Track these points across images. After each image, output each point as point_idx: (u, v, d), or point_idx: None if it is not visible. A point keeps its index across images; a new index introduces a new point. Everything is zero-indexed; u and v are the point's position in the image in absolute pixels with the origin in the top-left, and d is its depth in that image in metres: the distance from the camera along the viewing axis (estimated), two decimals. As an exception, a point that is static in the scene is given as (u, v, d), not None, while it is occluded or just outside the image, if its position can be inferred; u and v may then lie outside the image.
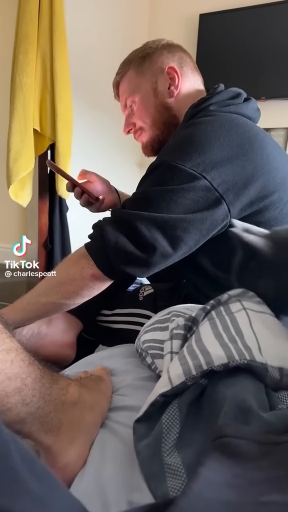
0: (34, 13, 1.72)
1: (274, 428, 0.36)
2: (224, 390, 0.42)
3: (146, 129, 0.96)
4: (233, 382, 0.43)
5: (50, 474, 0.26)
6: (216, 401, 0.41)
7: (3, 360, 0.36)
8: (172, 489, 0.34)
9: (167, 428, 0.41)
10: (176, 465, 0.36)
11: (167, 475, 0.35)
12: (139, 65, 0.93)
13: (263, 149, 0.75)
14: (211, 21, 2.46)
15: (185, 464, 0.35)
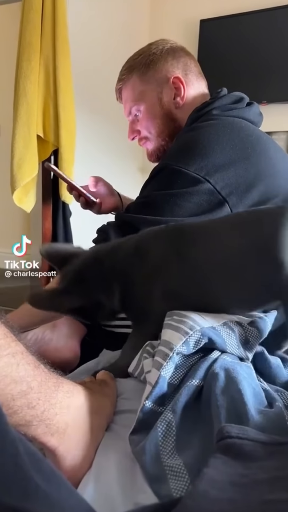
0: (37, 21, 1.75)
1: (268, 429, 0.36)
2: (220, 394, 0.42)
3: (151, 139, 0.97)
4: (228, 382, 0.43)
5: (58, 474, 0.26)
6: (213, 406, 0.41)
7: (8, 363, 0.37)
8: (175, 490, 0.34)
9: (163, 432, 0.41)
10: (177, 466, 0.36)
11: (169, 477, 0.35)
12: (143, 73, 0.92)
13: (265, 153, 0.76)
14: (212, 26, 2.48)
15: (186, 466, 0.36)
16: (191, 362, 0.49)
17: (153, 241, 0.58)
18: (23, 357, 0.39)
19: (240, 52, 2.43)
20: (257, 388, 0.45)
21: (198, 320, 0.49)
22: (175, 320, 0.50)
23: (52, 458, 0.42)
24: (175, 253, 0.56)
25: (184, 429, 0.41)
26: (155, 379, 0.45)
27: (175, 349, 0.46)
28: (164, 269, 0.56)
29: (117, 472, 0.40)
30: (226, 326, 0.51)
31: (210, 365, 0.47)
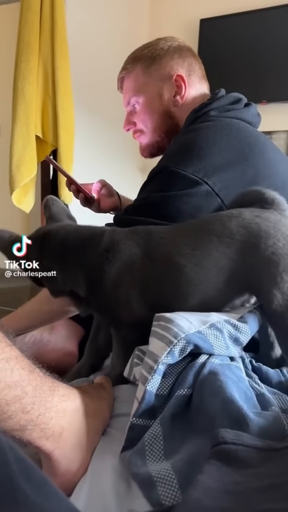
0: (35, 21, 1.75)
1: (269, 432, 0.35)
2: (211, 401, 0.41)
3: (147, 133, 0.97)
4: (218, 387, 0.42)
5: (48, 482, 0.26)
6: (205, 414, 0.41)
7: (2, 368, 0.37)
8: (163, 496, 0.33)
9: (149, 442, 0.40)
10: (165, 471, 0.35)
11: (156, 483, 0.34)
12: (148, 66, 0.92)
13: (263, 154, 0.75)
14: (212, 25, 2.48)
15: (175, 470, 0.35)
16: (179, 368, 0.48)
17: (123, 241, 0.58)
18: (18, 362, 0.39)
19: (240, 51, 2.43)
20: (248, 392, 0.45)
21: (184, 325, 0.48)
22: (161, 327, 0.49)
23: (48, 462, 0.41)
24: (142, 254, 0.56)
25: (172, 439, 0.40)
26: (141, 394, 0.45)
27: (160, 361, 0.45)
28: (133, 270, 0.56)
29: (113, 477, 0.40)
30: (214, 327, 0.50)
31: (198, 370, 0.46)
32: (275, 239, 0.52)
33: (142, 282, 0.56)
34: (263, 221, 0.54)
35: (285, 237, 0.52)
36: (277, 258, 0.51)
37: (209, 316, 0.52)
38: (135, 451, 0.40)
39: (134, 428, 0.44)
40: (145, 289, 0.57)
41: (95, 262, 0.57)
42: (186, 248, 0.55)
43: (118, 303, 0.58)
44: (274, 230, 0.53)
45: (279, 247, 0.52)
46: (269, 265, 0.52)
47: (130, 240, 0.58)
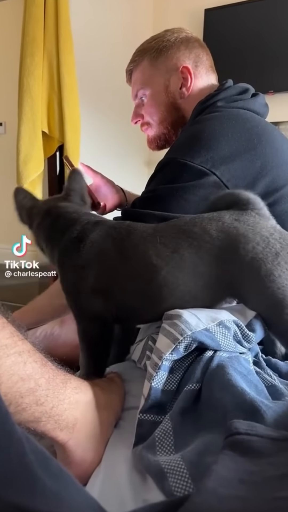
0: (39, 16, 1.74)
1: (284, 423, 0.35)
2: (222, 395, 0.41)
3: (153, 125, 0.96)
4: (228, 381, 0.42)
5: (65, 472, 0.26)
6: (216, 408, 0.41)
7: (15, 362, 0.37)
8: (174, 487, 0.33)
9: (159, 437, 0.41)
10: (175, 462, 0.35)
11: (167, 474, 0.35)
12: (154, 58, 0.92)
13: (271, 143, 0.74)
14: (217, 15, 2.44)
15: (185, 460, 0.35)
16: (187, 363, 0.48)
17: (99, 233, 0.58)
18: (30, 355, 0.39)
19: (246, 41, 2.39)
20: (259, 385, 0.45)
21: (192, 322, 0.48)
22: (169, 323, 0.49)
23: (62, 452, 0.42)
24: (117, 250, 0.56)
25: (182, 434, 0.40)
26: (147, 390, 0.45)
27: (164, 357, 0.46)
28: (104, 264, 0.56)
29: (127, 468, 0.41)
30: (222, 325, 0.50)
31: (206, 364, 0.46)
32: (254, 242, 0.50)
33: (112, 278, 0.56)
34: (241, 225, 0.52)
35: (264, 240, 0.50)
36: (257, 264, 0.50)
37: (219, 313, 0.52)
38: (145, 446, 0.40)
39: (142, 424, 0.44)
40: (115, 285, 0.56)
41: (69, 244, 0.59)
42: (164, 250, 0.53)
43: (81, 294, 0.57)
44: (253, 233, 0.51)
45: (258, 251, 0.50)
46: (250, 271, 0.50)
47: (106, 234, 0.58)
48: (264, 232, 0.51)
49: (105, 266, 0.56)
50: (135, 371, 0.61)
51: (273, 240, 0.50)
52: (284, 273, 0.48)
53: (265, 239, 0.50)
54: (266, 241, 0.50)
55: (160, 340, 0.48)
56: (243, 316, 0.53)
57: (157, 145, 1.00)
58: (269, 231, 0.51)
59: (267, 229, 0.52)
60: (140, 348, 0.60)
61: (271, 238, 0.50)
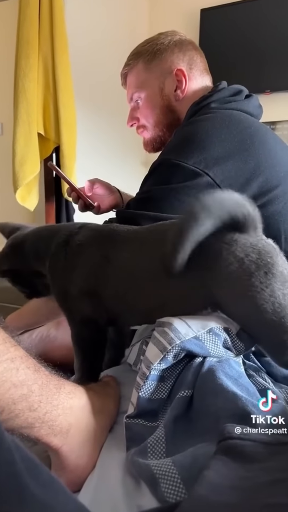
0: (34, 17, 1.74)
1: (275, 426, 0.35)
2: (214, 401, 0.41)
3: (149, 128, 0.97)
4: (219, 386, 0.42)
5: (55, 480, 0.26)
6: (208, 415, 0.41)
7: (8, 368, 0.37)
8: (166, 492, 0.33)
9: (151, 444, 0.41)
10: (166, 467, 0.35)
11: (159, 480, 0.35)
12: (149, 61, 0.92)
13: (265, 144, 0.74)
14: (213, 15, 2.44)
15: (176, 465, 0.35)
16: (178, 370, 0.48)
17: (84, 237, 0.59)
18: (23, 361, 0.39)
19: (242, 41, 2.39)
20: (250, 388, 0.44)
21: (181, 330, 0.48)
22: (159, 331, 0.49)
23: (57, 458, 0.42)
24: (101, 254, 0.57)
25: (174, 441, 0.40)
26: (135, 400, 0.46)
27: (152, 367, 0.46)
28: (88, 266, 0.57)
29: (121, 473, 0.40)
30: (212, 332, 0.49)
31: (197, 369, 0.46)
32: (228, 262, 0.49)
33: (96, 280, 0.56)
34: (217, 242, 0.50)
35: (239, 260, 0.48)
36: (231, 283, 0.49)
37: (210, 320, 0.52)
38: (137, 452, 0.40)
39: (130, 428, 0.45)
40: (100, 288, 0.56)
41: (57, 250, 0.60)
42: (145, 258, 0.54)
43: (70, 297, 0.58)
44: (227, 252, 0.49)
45: (231, 271, 0.48)
46: (225, 288, 0.50)
47: (92, 239, 0.59)
48: (239, 252, 0.49)
49: (89, 268, 0.57)
50: (131, 374, 0.61)
51: (247, 262, 0.48)
52: (259, 293, 0.47)
53: (239, 259, 0.48)
54: (241, 262, 0.48)
55: (149, 349, 0.49)
56: (233, 324, 0.53)
57: (153, 147, 1.00)
58: (246, 251, 0.49)
59: (243, 248, 0.49)
60: (135, 351, 0.60)
61: (246, 259, 0.48)
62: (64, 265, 0.58)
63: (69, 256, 0.58)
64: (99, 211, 0.98)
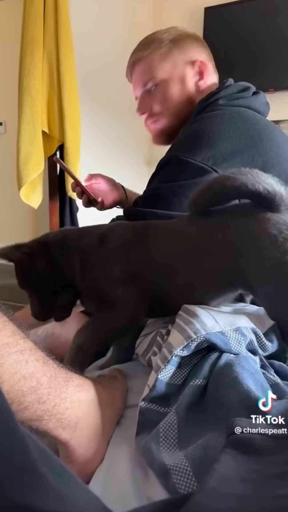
0: (39, 15, 1.74)
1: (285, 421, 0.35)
2: (228, 392, 0.41)
3: (165, 116, 0.94)
4: (234, 379, 0.42)
5: (67, 470, 0.27)
6: (221, 405, 0.41)
7: (17, 360, 0.37)
8: (178, 484, 0.34)
9: (164, 430, 0.41)
10: (179, 461, 0.36)
11: (171, 471, 0.35)
12: (169, 49, 0.90)
13: (272, 141, 0.75)
14: (217, 14, 2.43)
15: (189, 458, 0.35)
16: (196, 360, 0.48)
17: (119, 230, 0.62)
18: (32, 354, 0.40)
19: (246, 40, 2.38)
20: (265, 384, 0.45)
21: (207, 323, 0.49)
22: (184, 320, 0.50)
23: (65, 451, 0.42)
24: (139, 240, 0.59)
25: (186, 429, 0.41)
26: (153, 382, 0.46)
27: (174, 353, 0.46)
28: (125, 253, 0.59)
29: (130, 466, 0.41)
30: (239, 331, 0.49)
31: (214, 361, 0.46)
32: (260, 239, 0.50)
33: (137, 267, 0.58)
34: (249, 220, 0.52)
35: (272, 237, 0.50)
36: (263, 260, 0.50)
37: (238, 319, 0.52)
38: (150, 438, 0.40)
39: (144, 413, 0.45)
40: (139, 274, 0.58)
41: (90, 245, 0.61)
42: (180, 242, 0.57)
43: (113, 283, 0.59)
44: (258, 230, 0.51)
45: (264, 248, 0.50)
46: (257, 267, 0.51)
47: (128, 229, 0.61)
48: (272, 230, 0.50)
49: (130, 256, 0.58)
50: (138, 367, 0.61)
51: (281, 239, 0.49)
52: None
53: (272, 237, 0.50)
54: (274, 239, 0.49)
55: (173, 335, 0.49)
56: (261, 324, 0.53)
57: (165, 138, 0.97)
58: (279, 229, 0.50)
59: (277, 226, 0.50)
60: (146, 342, 0.60)
61: (279, 236, 0.49)
62: (103, 256, 0.59)
63: (109, 248, 0.60)
64: (103, 206, 0.98)
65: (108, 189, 1.02)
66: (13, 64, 1.84)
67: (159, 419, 0.43)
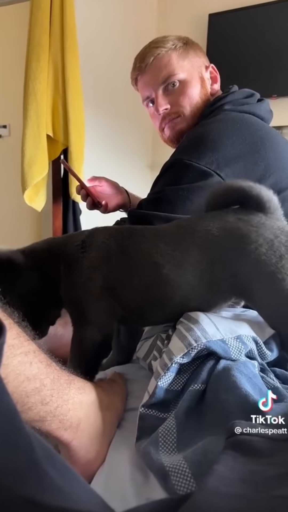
0: (45, 20, 1.76)
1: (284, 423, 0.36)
2: (226, 396, 0.41)
3: (186, 115, 0.92)
4: (233, 383, 0.42)
5: (70, 469, 0.27)
6: (219, 410, 0.41)
7: (22, 362, 0.38)
8: (177, 485, 0.34)
9: (163, 434, 0.41)
10: (177, 463, 0.36)
11: (170, 473, 0.35)
12: (186, 51, 0.91)
13: (275, 147, 0.76)
14: (221, 20, 2.45)
15: (187, 460, 0.36)
16: (195, 366, 0.49)
17: (101, 236, 0.58)
18: (36, 356, 0.40)
19: (250, 46, 2.40)
20: (263, 388, 0.45)
21: (208, 330, 0.49)
22: (185, 327, 0.50)
23: (66, 452, 0.43)
24: (120, 250, 0.56)
25: (185, 433, 0.41)
26: (153, 388, 0.46)
27: (174, 360, 0.46)
28: (108, 265, 0.55)
29: (130, 468, 0.41)
30: (239, 340, 0.49)
31: (212, 366, 0.47)
32: (257, 244, 0.50)
33: (117, 277, 0.55)
34: (244, 225, 0.51)
35: (268, 242, 0.49)
36: (260, 265, 0.49)
37: (239, 327, 0.52)
38: (149, 442, 0.41)
39: (144, 418, 0.45)
40: (121, 284, 0.55)
41: (72, 251, 0.57)
42: (166, 248, 0.53)
43: (90, 295, 0.56)
44: (256, 234, 0.50)
45: (261, 253, 0.49)
46: (253, 272, 0.50)
47: (109, 236, 0.58)
48: (268, 234, 0.50)
49: (110, 265, 0.55)
50: (139, 371, 0.62)
51: (277, 243, 0.49)
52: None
53: (268, 241, 0.50)
54: (270, 243, 0.49)
55: (173, 342, 0.49)
56: (261, 332, 0.53)
57: (179, 141, 0.94)
58: (275, 233, 0.50)
59: (272, 230, 0.51)
60: (147, 345, 0.60)
61: (275, 240, 0.50)
62: (84, 263, 0.56)
63: (89, 256, 0.56)
64: (106, 209, 0.99)
65: (112, 192, 1.02)
66: (19, 68, 1.86)
67: (158, 424, 0.43)
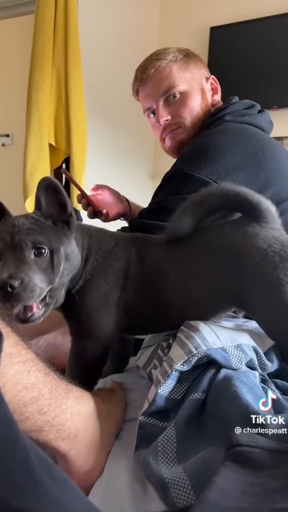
0: (49, 32, 1.79)
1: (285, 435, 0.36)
2: (227, 406, 0.41)
3: (186, 126, 0.93)
4: (233, 393, 0.42)
5: (67, 480, 0.27)
6: (220, 420, 0.41)
7: (19, 370, 0.37)
8: (177, 497, 0.34)
9: (162, 444, 0.41)
10: (177, 475, 0.36)
11: (169, 485, 0.35)
12: (186, 62, 0.92)
13: (275, 158, 0.76)
14: (222, 33, 2.49)
15: (187, 472, 0.35)
16: (195, 374, 0.48)
17: (118, 246, 0.58)
18: (34, 365, 0.40)
19: (250, 58, 2.43)
20: (263, 399, 0.45)
21: (209, 338, 0.49)
22: (186, 335, 0.50)
23: (64, 462, 0.42)
24: (137, 256, 0.56)
25: (185, 443, 0.41)
26: (153, 396, 0.46)
27: (174, 367, 0.46)
28: (124, 268, 0.55)
29: (129, 479, 0.41)
30: (240, 349, 0.49)
31: (213, 376, 0.46)
32: (252, 255, 0.50)
33: (133, 286, 0.55)
34: (239, 236, 0.52)
35: (262, 252, 0.50)
36: (255, 276, 0.50)
37: (240, 336, 0.52)
38: (149, 452, 0.40)
39: (143, 427, 0.45)
40: (133, 293, 0.55)
41: (97, 264, 0.56)
42: (174, 255, 0.55)
43: (107, 306, 0.55)
44: (250, 245, 0.51)
45: (255, 264, 0.50)
46: (250, 282, 0.51)
47: (129, 243, 0.59)
48: (262, 244, 0.50)
49: (124, 271, 0.55)
50: (138, 380, 0.61)
51: (271, 253, 0.50)
52: (284, 286, 0.48)
53: (262, 251, 0.50)
54: (264, 253, 0.50)
55: (174, 350, 0.49)
56: (262, 343, 0.53)
57: (180, 151, 0.95)
58: (268, 243, 0.50)
59: (266, 240, 0.51)
60: (147, 354, 0.60)
61: (269, 250, 0.50)
62: (109, 273, 0.56)
63: (113, 265, 0.56)
64: (107, 218, 0.99)
65: (113, 201, 1.03)
66: (22, 78, 1.89)
67: (158, 433, 0.43)
